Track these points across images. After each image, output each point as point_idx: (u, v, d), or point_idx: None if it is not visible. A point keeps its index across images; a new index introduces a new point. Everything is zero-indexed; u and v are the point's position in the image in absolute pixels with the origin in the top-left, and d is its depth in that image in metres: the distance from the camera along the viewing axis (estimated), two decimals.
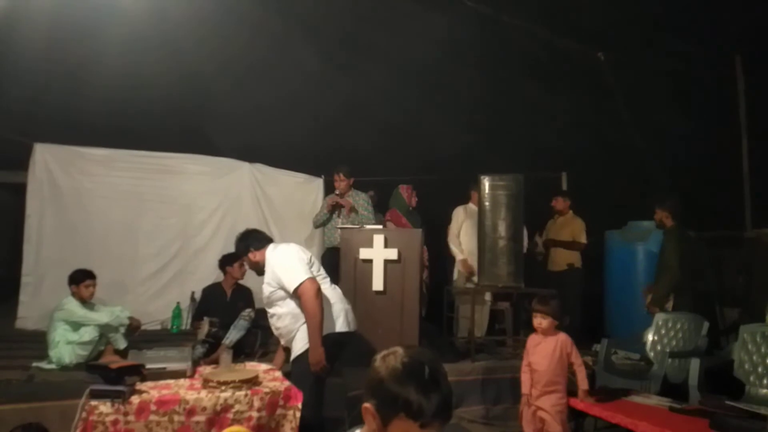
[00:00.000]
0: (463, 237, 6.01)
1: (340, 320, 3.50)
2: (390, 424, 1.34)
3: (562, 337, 3.57)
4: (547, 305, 3.57)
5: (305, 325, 3.35)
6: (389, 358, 1.39)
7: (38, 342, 4.46)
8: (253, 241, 3.60)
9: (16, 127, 6.20)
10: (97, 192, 6.20)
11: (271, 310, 3.56)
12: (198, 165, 6.66)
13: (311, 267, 3.46)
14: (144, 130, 6.47)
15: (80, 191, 6.16)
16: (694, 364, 4.02)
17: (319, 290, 3.31)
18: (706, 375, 4.06)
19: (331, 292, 3.59)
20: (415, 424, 1.31)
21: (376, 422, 1.36)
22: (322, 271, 3.63)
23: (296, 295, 3.33)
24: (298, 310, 3.38)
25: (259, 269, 3.55)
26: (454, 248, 5.96)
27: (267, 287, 3.48)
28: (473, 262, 5.85)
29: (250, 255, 3.58)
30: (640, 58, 5.65)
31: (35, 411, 3.24)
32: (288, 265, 3.38)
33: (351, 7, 5.63)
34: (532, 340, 3.68)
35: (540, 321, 3.58)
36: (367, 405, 1.38)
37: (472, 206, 6.06)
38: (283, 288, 3.39)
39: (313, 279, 3.32)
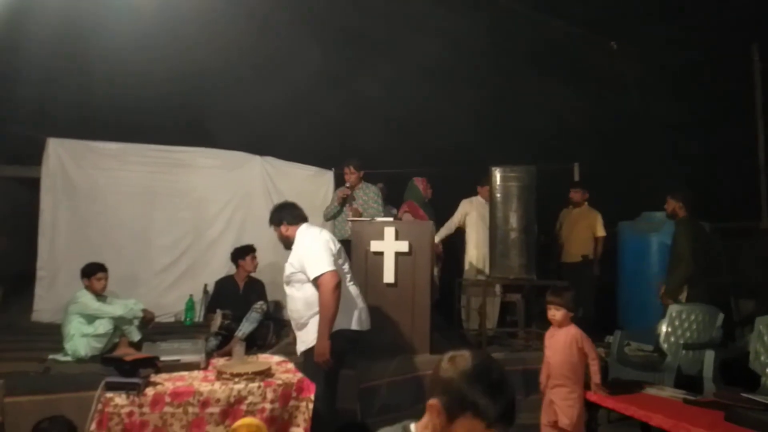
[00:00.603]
0: (469, 230, 6.00)
1: (354, 318, 3.49)
2: (455, 421, 1.40)
3: (573, 330, 3.53)
4: (560, 296, 3.54)
5: (317, 316, 3.35)
6: (458, 360, 1.45)
7: (54, 334, 4.52)
8: (288, 215, 3.60)
9: (30, 122, 6.26)
10: (110, 186, 6.23)
11: (287, 290, 3.55)
12: (210, 158, 6.68)
13: (338, 259, 3.44)
14: (155, 124, 6.51)
15: (93, 185, 6.19)
16: (709, 356, 3.99)
17: (338, 285, 3.29)
18: (721, 367, 4.02)
19: (351, 288, 3.58)
20: (482, 423, 1.37)
21: (441, 419, 1.41)
22: (347, 267, 3.61)
23: (315, 283, 3.33)
24: (313, 299, 3.37)
25: (288, 244, 3.56)
26: (440, 231, 5.95)
27: (289, 267, 3.48)
28: (481, 253, 5.85)
29: (282, 228, 3.58)
30: (654, 47, 5.58)
31: (52, 403, 3.28)
32: (315, 251, 3.36)
33: (360, 2, 5.60)
34: (549, 332, 3.66)
35: (554, 313, 3.54)
36: (433, 402, 1.43)
37: (479, 199, 6.03)
38: (303, 272, 3.37)
39: (334, 272, 3.30)
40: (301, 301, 3.44)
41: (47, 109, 6.32)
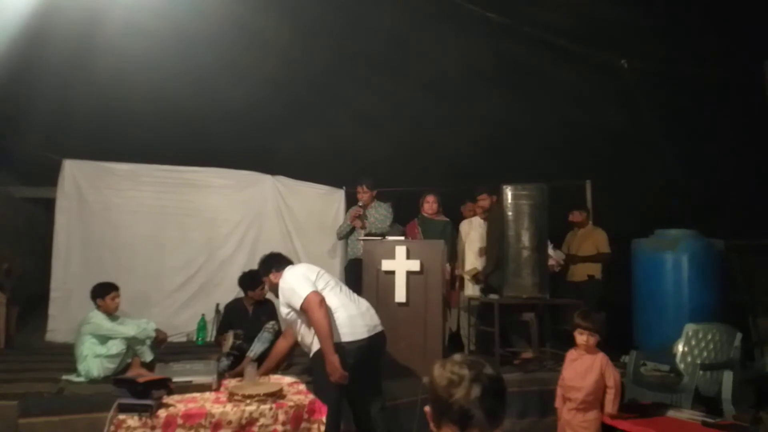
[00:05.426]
0: (468, 249, 5.90)
1: (343, 331, 3.43)
2: (440, 428, 1.45)
3: (601, 356, 3.45)
4: (591, 321, 3.45)
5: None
6: (446, 365, 1.48)
7: (67, 354, 4.53)
8: (276, 262, 3.76)
9: (45, 144, 6.36)
10: (124, 206, 6.31)
11: (295, 331, 3.64)
12: (221, 178, 6.74)
13: (317, 280, 3.51)
14: (169, 144, 6.58)
15: (107, 206, 6.27)
16: (727, 376, 3.92)
17: (321, 301, 3.33)
18: (740, 387, 3.94)
19: (340, 299, 3.53)
20: (459, 430, 1.40)
21: (433, 425, 1.47)
22: (332, 282, 3.61)
23: (303, 311, 3.38)
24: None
25: (277, 290, 3.64)
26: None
27: (283, 309, 3.59)
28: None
29: (272, 276, 3.71)
30: (666, 64, 5.58)
31: (66, 424, 3.30)
32: (292, 284, 3.47)
33: (371, 23, 5.68)
34: (570, 355, 3.58)
35: (587, 338, 3.45)
36: (426, 408, 1.50)
37: (478, 219, 5.96)
38: (293, 308, 3.46)
39: (314, 292, 3.36)
40: (305, 330, 3.50)
41: (62, 130, 6.42)
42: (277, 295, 3.66)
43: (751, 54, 5.39)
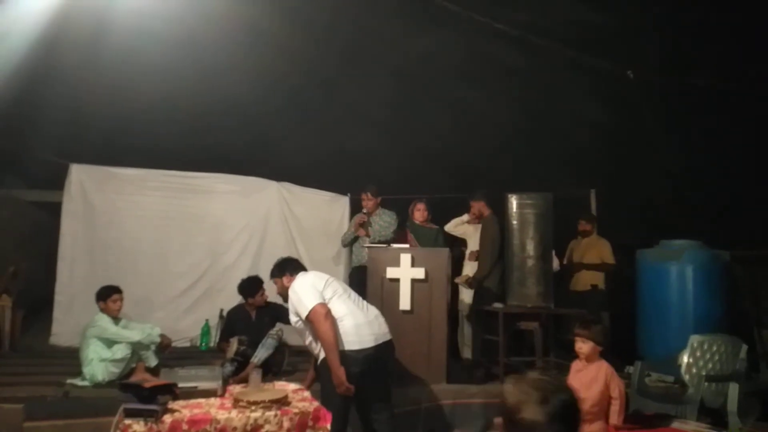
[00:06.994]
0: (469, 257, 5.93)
1: (348, 339, 3.42)
2: None
3: (605, 366, 3.41)
4: (588, 329, 3.42)
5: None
6: (518, 383, 1.51)
7: (72, 358, 4.55)
8: (290, 266, 3.76)
9: (52, 148, 6.41)
10: (130, 211, 6.33)
11: (304, 338, 3.64)
12: (227, 184, 6.76)
13: (325, 288, 3.51)
14: (176, 150, 6.62)
15: (113, 210, 6.30)
16: (733, 388, 3.90)
17: (327, 313, 3.33)
18: (746, 399, 3.93)
19: (348, 307, 3.53)
20: None
21: None
22: (340, 290, 3.60)
23: (309, 322, 3.39)
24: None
25: (286, 295, 3.64)
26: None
27: (293, 317, 3.60)
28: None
29: (285, 279, 3.71)
30: (671, 74, 5.60)
31: (70, 428, 3.31)
32: (299, 294, 3.47)
33: (378, 31, 5.72)
34: (576, 365, 3.56)
35: (580, 345, 3.42)
36: (497, 419, 1.52)
37: (478, 226, 5.97)
38: (300, 318, 3.47)
39: (321, 304, 3.36)
40: (312, 338, 3.50)
41: (69, 135, 6.46)
42: (286, 300, 3.66)
43: (757, 63, 5.40)
